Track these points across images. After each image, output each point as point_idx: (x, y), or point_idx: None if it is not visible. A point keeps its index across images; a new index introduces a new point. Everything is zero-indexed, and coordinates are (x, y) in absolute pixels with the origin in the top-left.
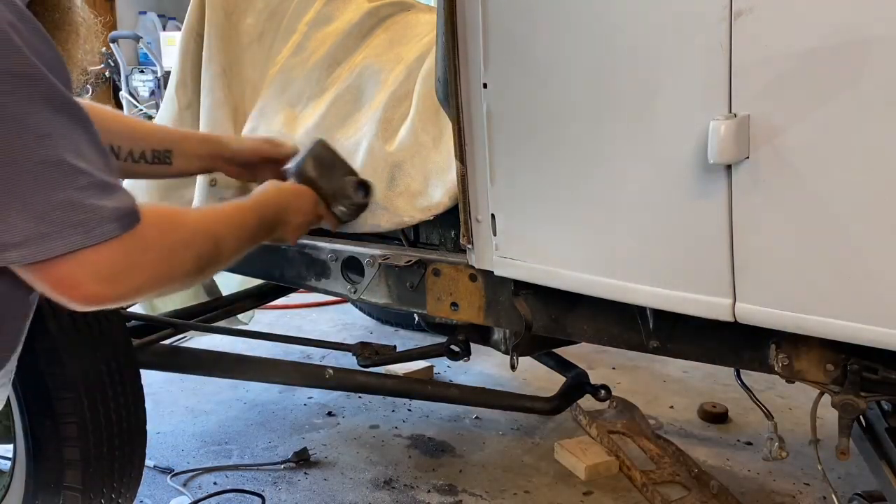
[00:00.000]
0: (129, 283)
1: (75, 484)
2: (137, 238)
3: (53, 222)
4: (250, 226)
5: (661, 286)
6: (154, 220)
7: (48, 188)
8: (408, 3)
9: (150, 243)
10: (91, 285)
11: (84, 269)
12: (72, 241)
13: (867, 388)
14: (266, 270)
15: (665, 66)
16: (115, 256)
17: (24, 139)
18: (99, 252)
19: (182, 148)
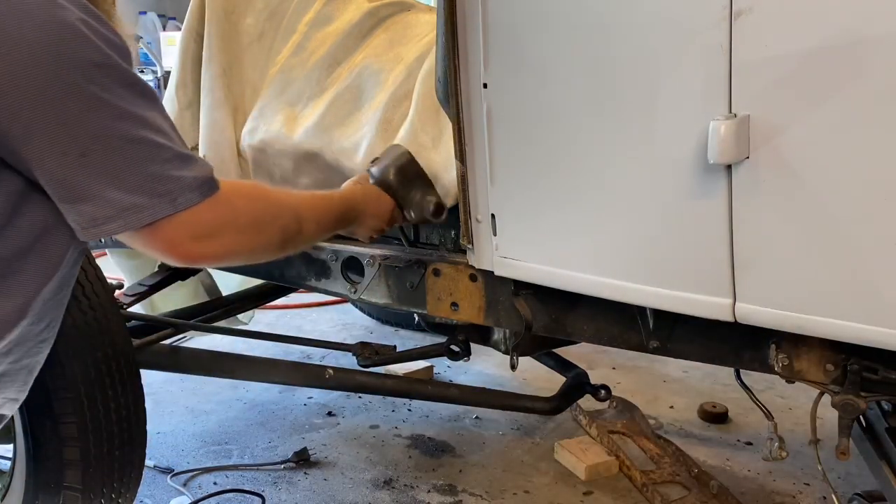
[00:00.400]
0: (222, 241)
1: (75, 484)
2: (226, 203)
3: (143, 194)
4: (331, 215)
5: (661, 286)
6: (244, 190)
7: (137, 164)
8: (408, 3)
9: (239, 209)
10: (188, 244)
11: (180, 230)
12: (160, 210)
13: (867, 388)
14: (266, 270)
15: (665, 67)
16: (204, 218)
17: (112, 121)
18: (190, 215)
19: None
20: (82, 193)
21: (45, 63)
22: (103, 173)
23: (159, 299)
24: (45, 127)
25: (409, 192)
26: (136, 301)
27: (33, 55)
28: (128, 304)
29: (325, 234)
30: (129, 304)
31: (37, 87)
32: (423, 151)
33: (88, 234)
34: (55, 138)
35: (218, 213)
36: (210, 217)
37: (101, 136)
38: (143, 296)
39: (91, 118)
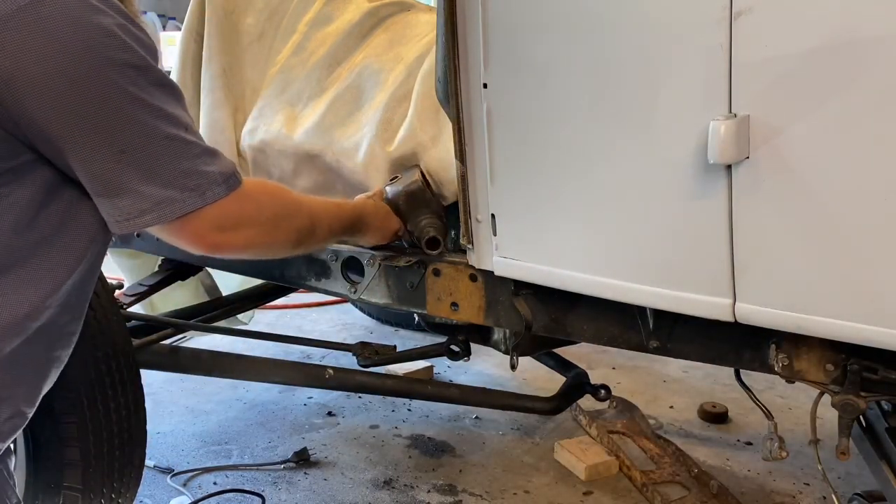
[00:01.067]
0: (245, 234)
1: (75, 484)
2: (249, 198)
3: (176, 188)
4: (342, 223)
5: (661, 286)
6: (266, 188)
7: (171, 160)
8: (408, 3)
9: (261, 204)
10: (214, 235)
11: (206, 222)
12: (190, 203)
13: (867, 388)
14: (266, 270)
15: (665, 66)
16: (229, 210)
17: (149, 119)
18: (217, 208)
19: None
20: (120, 188)
21: (87, 65)
22: (140, 169)
23: (159, 299)
24: (85, 125)
25: (414, 217)
26: (136, 301)
27: (76, 57)
28: (128, 304)
29: (334, 239)
30: (129, 304)
31: (79, 87)
32: (422, 151)
33: (122, 226)
34: (95, 136)
35: (242, 207)
36: (234, 210)
37: (139, 133)
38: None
39: (129, 117)
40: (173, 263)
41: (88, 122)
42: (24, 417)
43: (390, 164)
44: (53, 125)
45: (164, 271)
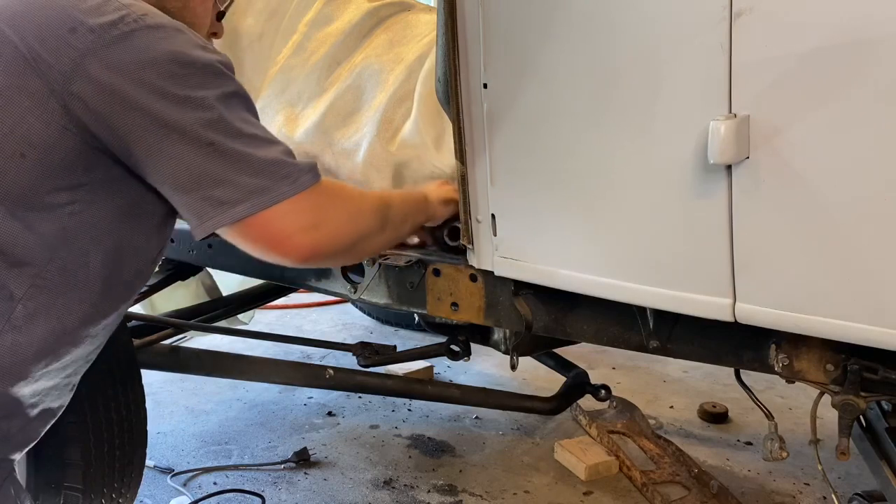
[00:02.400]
0: (327, 232)
1: (75, 484)
2: (330, 193)
3: (268, 176)
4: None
5: (661, 286)
6: (346, 188)
7: (262, 150)
8: (408, 3)
9: (342, 200)
10: (298, 236)
11: (291, 221)
12: (284, 190)
13: (867, 388)
14: (266, 270)
15: (665, 67)
16: (315, 203)
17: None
18: (301, 202)
19: None
20: (211, 179)
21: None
22: (230, 160)
23: (159, 299)
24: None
25: None
26: (136, 301)
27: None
28: None
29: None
30: None
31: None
32: (424, 152)
33: (211, 223)
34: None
35: (324, 199)
36: (320, 201)
37: (226, 130)
38: (143, 296)
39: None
40: (173, 263)
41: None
42: None
43: (391, 163)
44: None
45: (164, 271)
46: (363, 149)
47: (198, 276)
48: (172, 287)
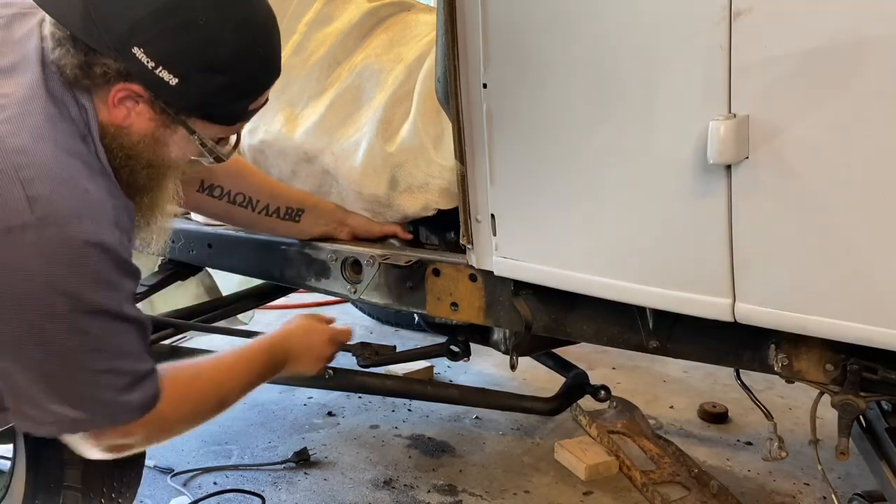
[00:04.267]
0: (139, 445)
1: (75, 484)
2: (158, 417)
3: (89, 412)
4: (254, 374)
5: (661, 286)
6: (171, 398)
7: (93, 391)
8: (408, 3)
9: (164, 420)
10: (113, 441)
11: (101, 441)
12: (99, 424)
13: (867, 388)
14: (266, 270)
15: (665, 67)
16: (133, 429)
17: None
18: (118, 430)
19: (313, 211)
20: (30, 400)
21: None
22: (59, 395)
23: (159, 299)
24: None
25: None
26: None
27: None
28: None
29: (255, 388)
30: None
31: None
32: (424, 152)
33: (19, 424)
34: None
35: (147, 425)
36: (136, 430)
37: (70, 366)
38: (143, 296)
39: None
40: (173, 263)
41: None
42: None
43: (390, 164)
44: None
45: (164, 271)
46: (362, 149)
47: (197, 276)
48: (172, 287)
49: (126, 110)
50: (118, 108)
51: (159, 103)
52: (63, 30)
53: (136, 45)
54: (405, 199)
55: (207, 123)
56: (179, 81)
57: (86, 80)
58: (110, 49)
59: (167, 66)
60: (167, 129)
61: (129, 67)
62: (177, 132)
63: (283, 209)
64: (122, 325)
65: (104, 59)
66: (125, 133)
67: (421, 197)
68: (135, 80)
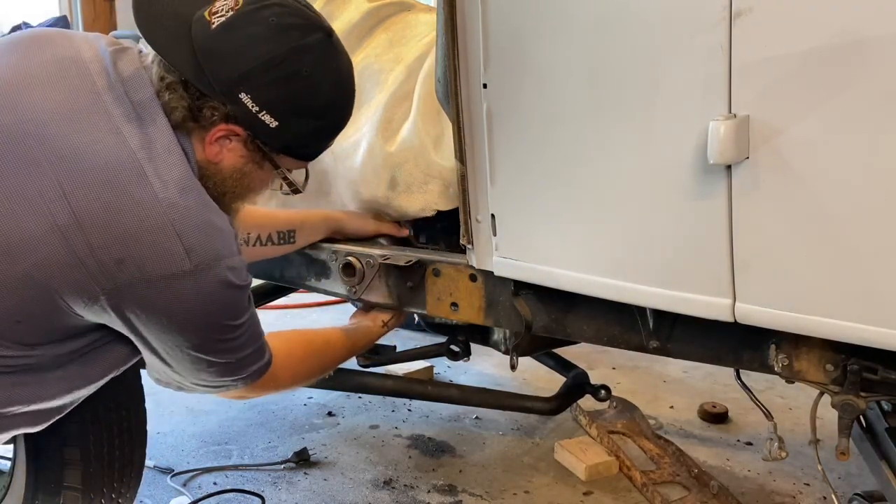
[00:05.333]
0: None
1: (75, 484)
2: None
3: (233, 377)
4: (342, 358)
5: (661, 286)
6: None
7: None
8: (408, 3)
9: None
10: (239, 393)
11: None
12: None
13: (867, 388)
14: (266, 270)
15: (665, 67)
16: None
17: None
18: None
19: (305, 227)
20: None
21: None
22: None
23: None
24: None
25: None
26: None
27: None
28: None
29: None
30: None
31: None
32: (424, 152)
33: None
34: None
35: (264, 385)
36: (257, 387)
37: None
38: None
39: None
40: None
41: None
42: None
43: (390, 164)
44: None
45: None
46: (362, 149)
47: None
48: None
49: (219, 147)
50: (213, 146)
51: (252, 142)
52: (174, 74)
53: (244, 91)
54: (405, 199)
55: (292, 160)
56: (279, 125)
57: (191, 123)
58: (219, 94)
59: (270, 111)
60: (255, 164)
61: (235, 111)
62: (263, 167)
63: (276, 235)
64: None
65: (212, 102)
66: (216, 168)
67: (421, 197)
68: (237, 122)
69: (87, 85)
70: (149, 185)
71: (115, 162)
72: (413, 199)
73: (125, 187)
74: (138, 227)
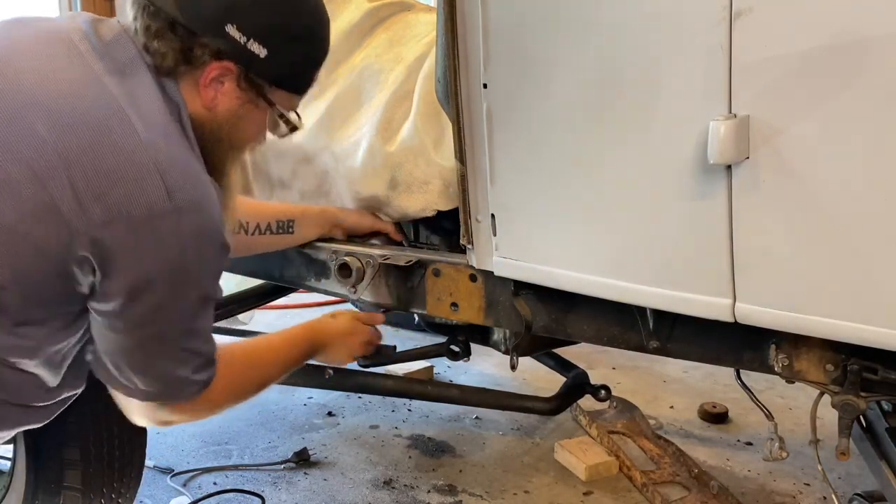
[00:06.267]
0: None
1: (75, 484)
2: (207, 398)
3: (162, 386)
4: (293, 360)
5: (661, 286)
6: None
7: (175, 367)
8: (408, 3)
9: (214, 401)
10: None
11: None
12: (166, 398)
13: (867, 388)
14: (266, 270)
15: (665, 67)
16: (184, 409)
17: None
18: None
19: (304, 219)
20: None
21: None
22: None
23: None
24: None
25: None
26: None
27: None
28: None
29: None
30: None
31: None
32: (424, 152)
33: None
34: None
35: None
36: (191, 406)
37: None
38: None
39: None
40: None
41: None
42: None
43: (390, 164)
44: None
45: None
46: (362, 149)
47: None
48: None
49: (214, 91)
50: (207, 90)
51: (245, 78)
52: (160, 20)
53: (230, 21)
54: (405, 199)
55: (283, 93)
56: (268, 52)
57: (184, 66)
58: (206, 29)
59: (258, 38)
60: (250, 104)
61: (224, 45)
62: (258, 106)
63: (274, 224)
64: (211, 309)
65: (201, 39)
66: (211, 116)
67: (421, 197)
68: (228, 57)
69: (69, 49)
70: (131, 127)
71: (96, 106)
72: (413, 199)
73: (106, 128)
74: (120, 164)
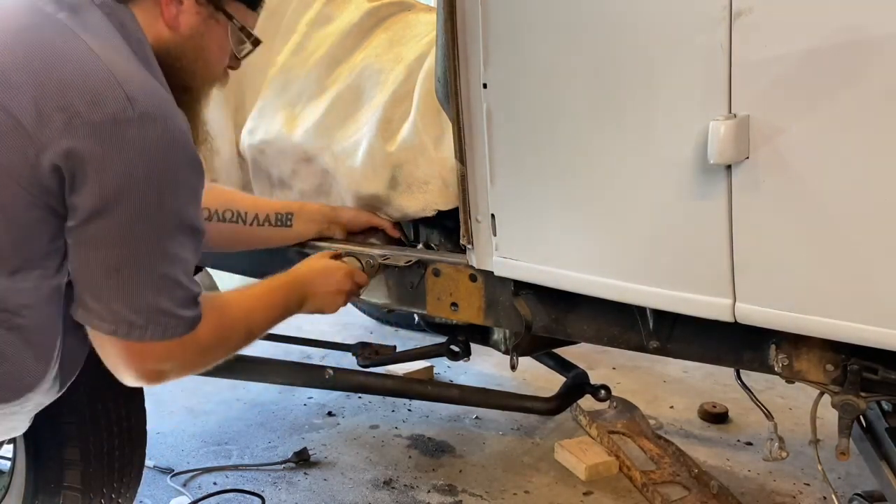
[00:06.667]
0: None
1: (75, 484)
2: (195, 341)
3: (145, 318)
4: (278, 306)
5: (661, 286)
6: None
7: (156, 295)
8: (408, 3)
9: (202, 346)
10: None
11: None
12: (151, 334)
13: (867, 388)
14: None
15: (665, 67)
16: (171, 354)
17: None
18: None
19: (302, 213)
20: (97, 295)
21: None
22: (123, 291)
23: None
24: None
25: None
26: None
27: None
28: None
29: (278, 322)
30: None
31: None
32: (424, 152)
33: (79, 317)
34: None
35: (185, 347)
36: (177, 350)
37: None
38: None
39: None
40: None
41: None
42: None
43: (390, 164)
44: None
45: None
46: (362, 148)
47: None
48: None
49: (175, 10)
50: (169, 8)
51: None
52: None
53: None
54: (405, 198)
55: (240, 6)
56: None
57: None
58: None
59: None
60: (210, 19)
61: None
62: (218, 21)
63: (273, 216)
64: (194, 239)
65: None
66: (174, 37)
67: (421, 197)
68: None
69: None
70: (86, 48)
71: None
72: (413, 199)
73: (63, 49)
74: (79, 77)
